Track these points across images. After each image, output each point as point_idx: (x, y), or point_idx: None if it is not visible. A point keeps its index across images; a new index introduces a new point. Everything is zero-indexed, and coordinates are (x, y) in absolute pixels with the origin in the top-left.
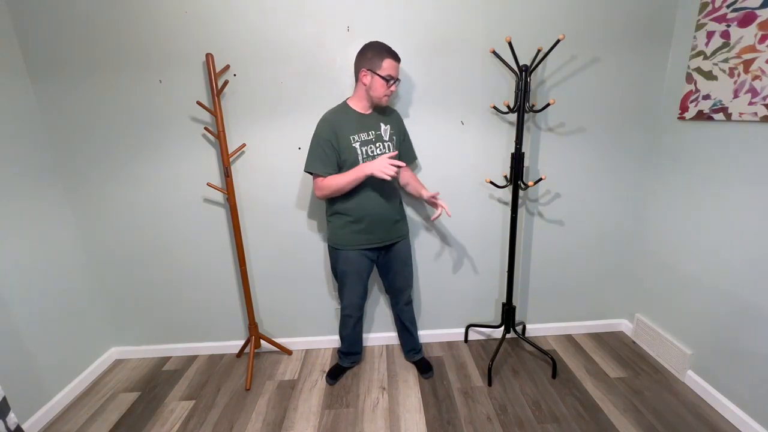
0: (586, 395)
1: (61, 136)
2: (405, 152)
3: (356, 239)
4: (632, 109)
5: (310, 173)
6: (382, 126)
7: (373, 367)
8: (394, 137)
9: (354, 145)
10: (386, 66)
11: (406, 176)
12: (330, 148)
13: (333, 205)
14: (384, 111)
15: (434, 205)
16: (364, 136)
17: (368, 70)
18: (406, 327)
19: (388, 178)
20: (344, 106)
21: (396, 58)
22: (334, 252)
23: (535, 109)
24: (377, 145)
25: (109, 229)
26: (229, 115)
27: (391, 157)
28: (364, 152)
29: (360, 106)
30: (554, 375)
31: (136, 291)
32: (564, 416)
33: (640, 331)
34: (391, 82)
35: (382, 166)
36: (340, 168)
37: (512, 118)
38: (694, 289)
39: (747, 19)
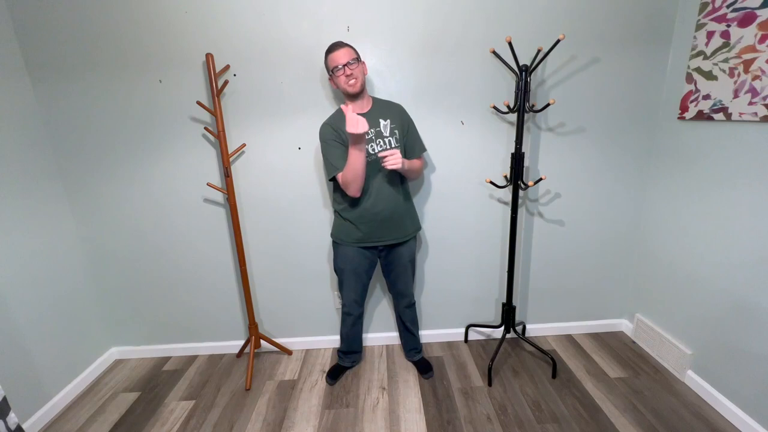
0: (586, 395)
1: (61, 136)
2: (410, 145)
3: (353, 236)
4: (632, 109)
5: (333, 179)
6: (381, 122)
7: (373, 367)
8: (396, 131)
9: None
10: (329, 62)
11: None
12: (339, 144)
13: (337, 199)
14: (383, 106)
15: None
16: None
17: (328, 75)
18: (407, 328)
19: (354, 131)
20: (339, 111)
21: (333, 48)
22: (335, 246)
23: (535, 109)
24: (377, 141)
25: (109, 228)
26: (229, 115)
27: (392, 154)
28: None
29: (352, 107)
30: (554, 375)
31: (136, 291)
32: (564, 416)
33: (640, 331)
34: (338, 70)
35: (351, 121)
36: None
37: (512, 118)
38: (694, 289)
39: (747, 19)
